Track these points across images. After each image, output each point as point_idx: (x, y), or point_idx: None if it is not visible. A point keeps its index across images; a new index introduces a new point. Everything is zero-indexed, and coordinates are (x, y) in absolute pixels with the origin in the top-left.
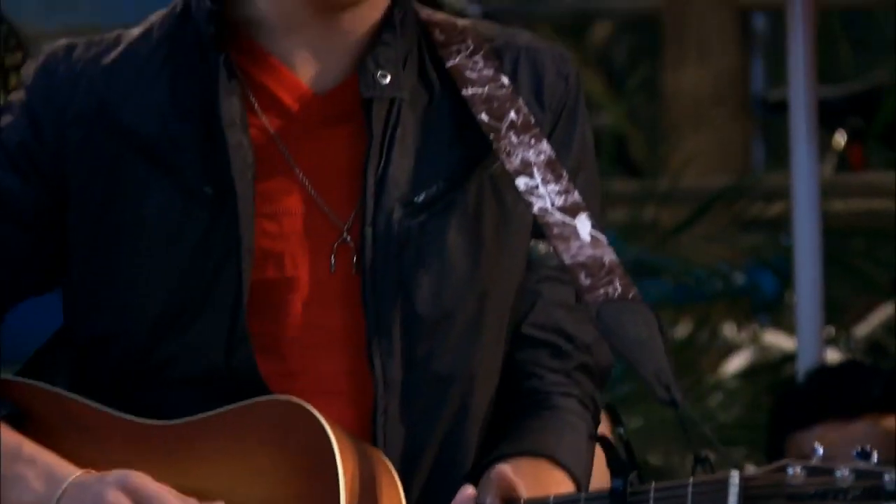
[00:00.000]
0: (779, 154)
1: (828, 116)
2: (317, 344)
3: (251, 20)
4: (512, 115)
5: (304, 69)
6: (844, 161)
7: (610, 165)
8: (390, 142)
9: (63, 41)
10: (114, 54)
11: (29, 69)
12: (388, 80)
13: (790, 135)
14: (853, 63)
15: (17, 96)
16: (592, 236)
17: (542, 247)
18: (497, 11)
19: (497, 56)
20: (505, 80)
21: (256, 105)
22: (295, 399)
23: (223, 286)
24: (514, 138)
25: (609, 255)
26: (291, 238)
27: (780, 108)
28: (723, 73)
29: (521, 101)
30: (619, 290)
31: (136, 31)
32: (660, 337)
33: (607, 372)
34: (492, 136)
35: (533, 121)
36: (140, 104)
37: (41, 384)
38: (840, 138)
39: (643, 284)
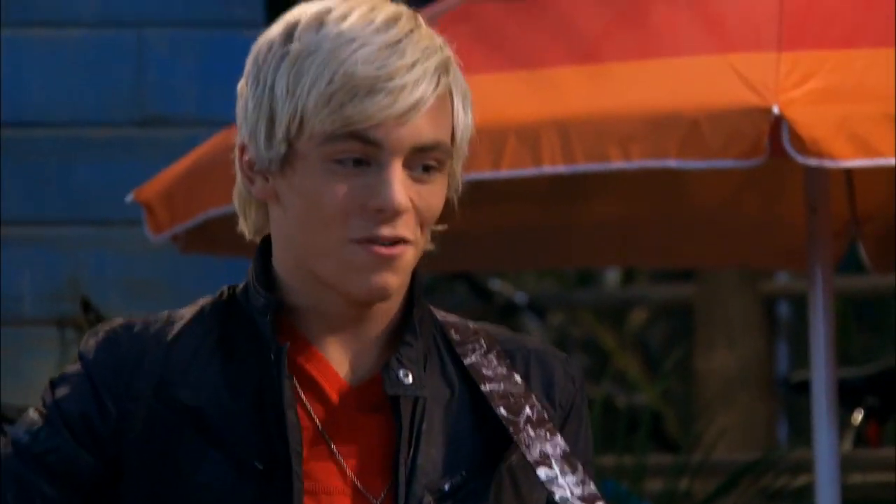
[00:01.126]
0: (802, 430)
1: (847, 396)
2: None
3: (292, 309)
4: (527, 410)
5: (339, 361)
6: (861, 437)
7: (647, 441)
8: (418, 435)
9: (120, 319)
10: (171, 334)
11: (88, 344)
12: (410, 379)
13: (812, 413)
14: (868, 346)
15: (75, 369)
16: None
17: None
18: (542, 298)
19: (508, 356)
20: (518, 378)
21: (300, 389)
22: None
23: None
24: (531, 432)
25: None
26: None
27: (802, 389)
28: (750, 356)
29: (534, 398)
30: None
31: (188, 314)
32: None
33: None
34: (511, 428)
35: (546, 416)
36: (196, 382)
37: None
38: (858, 416)
39: None
